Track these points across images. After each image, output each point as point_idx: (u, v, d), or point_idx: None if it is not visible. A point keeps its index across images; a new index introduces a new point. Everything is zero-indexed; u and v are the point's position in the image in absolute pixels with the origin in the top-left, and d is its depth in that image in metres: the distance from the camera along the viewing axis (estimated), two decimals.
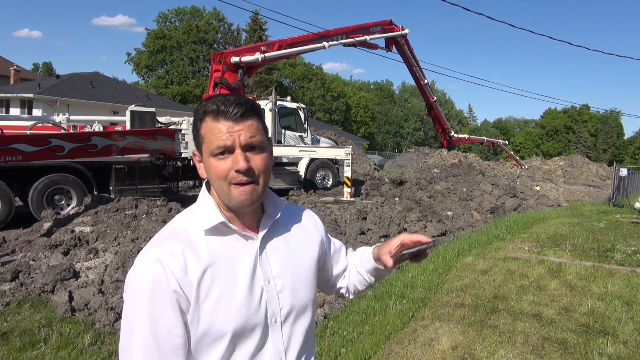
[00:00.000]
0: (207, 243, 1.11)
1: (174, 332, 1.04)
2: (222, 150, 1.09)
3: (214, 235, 1.13)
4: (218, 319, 1.06)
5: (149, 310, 1.03)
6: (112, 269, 5.18)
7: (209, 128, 1.10)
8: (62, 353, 3.75)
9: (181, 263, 1.06)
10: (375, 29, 15.46)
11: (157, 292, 1.03)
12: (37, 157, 7.58)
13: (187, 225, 1.14)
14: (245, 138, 1.09)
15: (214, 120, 1.09)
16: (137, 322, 1.04)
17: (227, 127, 1.08)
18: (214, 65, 11.83)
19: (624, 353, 3.86)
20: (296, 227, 1.30)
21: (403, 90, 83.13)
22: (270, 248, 1.20)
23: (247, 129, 1.09)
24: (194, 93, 48.83)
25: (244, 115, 1.09)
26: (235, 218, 1.18)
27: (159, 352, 1.03)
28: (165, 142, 9.62)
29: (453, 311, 4.81)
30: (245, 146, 1.09)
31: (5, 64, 37.72)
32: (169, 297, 1.03)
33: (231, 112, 1.08)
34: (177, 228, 1.14)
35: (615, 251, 7.37)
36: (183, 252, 1.07)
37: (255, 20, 43.49)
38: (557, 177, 26.88)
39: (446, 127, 21.10)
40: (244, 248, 1.16)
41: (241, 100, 1.11)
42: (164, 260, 1.05)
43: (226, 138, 1.08)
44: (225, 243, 1.14)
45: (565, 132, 77.26)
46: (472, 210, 11.22)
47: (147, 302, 1.03)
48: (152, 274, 1.04)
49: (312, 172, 13.91)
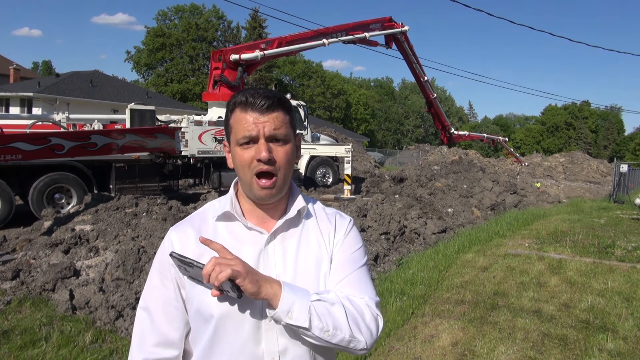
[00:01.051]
0: (216, 229, 1.20)
1: (171, 303, 1.18)
2: (247, 140, 1.13)
3: (224, 222, 1.21)
4: (207, 300, 1.11)
5: (155, 278, 1.21)
6: (113, 267, 5.18)
7: (237, 118, 1.15)
8: (63, 351, 3.76)
9: (184, 244, 1.18)
10: (374, 26, 15.45)
11: (162, 265, 1.20)
12: (37, 155, 7.59)
13: (207, 211, 1.25)
14: (270, 129, 1.13)
15: (242, 111, 1.14)
16: (146, 287, 1.23)
17: (254, 118, 1.13)
18: (214, 63, 11.83)
19: (623, 349, 3.87)
20: (317, 232, 1.24)
21: (403, 87, 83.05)
22: (280, 246, 1.19)
23: (272, 120, 1.13)
24: (194, 91, 48.77)
25: (270, 107, 1.13)
26: (253, 211, 1.21)
27: (154, 317, 1.18)
28: (165, 140, 9.62)
29: (453, 308, 4.82)
30: (269, 137, 1.13)
31: (4, 63, 37.70)
32: (169, 271, 1.18)
33: (258, 103, 1.13)
34: (200, 212, 1.27)
35: (616, 247, 7.37)
36: (189, 235, 1.19)
37: (255, 18, 43.41)
38: (557, 173, 26.87)
39: (446, 124, 21.08)
40: (251, 240, 1.18)
41: (269, 94, 1.15)
42: (172, 239, 1.20)
43: (252, 128, 1.12)
44: (233, 232, 1.20)
45: (565, 129, 77.14)
46: (472, 207, 11.22)
47: (155, 270, 1.22)
48: (162, 248, 1.22)
49: (312, 170, 13.90)
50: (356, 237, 1.28)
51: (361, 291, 1.19)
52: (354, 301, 1.15)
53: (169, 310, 1.18)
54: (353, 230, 1.28)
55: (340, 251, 1.23)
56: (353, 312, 1.12)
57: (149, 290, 1.21)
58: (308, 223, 1.25)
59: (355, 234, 1.28)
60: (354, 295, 1.17)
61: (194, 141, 10.63)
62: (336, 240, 1.25)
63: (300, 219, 1.24)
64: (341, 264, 1.21)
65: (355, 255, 1.24)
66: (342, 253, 1.23)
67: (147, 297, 1.21)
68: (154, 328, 1.18)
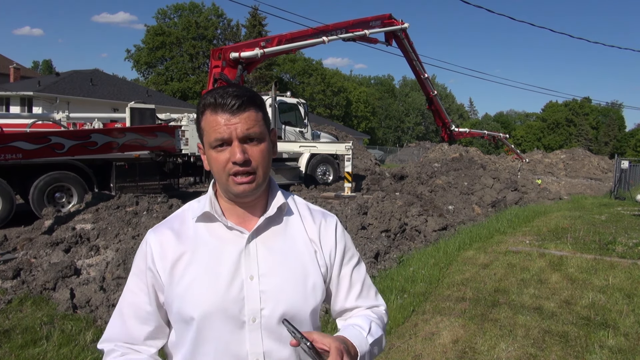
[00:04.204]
0: (196, 230, 1.18)
1: (142, 307, 1.17)
2: (220, 142, 1.10)
3: (204, 223, 1.18)
4: (187, 301, 1.11)
5: (130, 282, 1.20)
6: (113, 266, 5.18)
7: (207, 121, 1.11)
8: (64, 350, 3.76)
9: (163, 246, 1.16)
10: (374, 23, 15.41)
11: (139, 267, 1.19)
12: (37, 154, 7.59)
13: (186, 212, 1.23)
14: (242, 130, 1.09)
15: (212, 113, 1.10)
16: (125, 288, 1.22)
17: (225, 120, 1.09)
18: (214, 61, 11.80)
19: (625, 345, 3.86)
20: (301, 231, 1.22)
21: (404, 84, 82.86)
22: (263, 246, 1.17)
23: (245, 121, 1.10)
24: (194, 89, 48.72)
25: (241, 107, 1.09)
26: (233, 210, 1.19)
27: (126, 319, 1.17)
28: (165, 138, 9.62)
29: (454, 305, 4.81)
30: (242, 138, 1.10)
31: (5, 62, 37.67)
32: (145, 273, 1.17)
33: (228, 104, 1.09)
34: (178, 214, 1.24)
35: (617, 244, 7.36)
36: (168, 238, 1.17)
37: (255, 16, 43.32)
38: (558, 170, 26.83)
39: (447, 121, 21.06)
40: (231, 239, 1.16)
41: (239, 92, 1.10)
42: (150, 241, 1.18)
43: (223, 131, 1.09)
44: (214, 232, 1.17)
45: (566, 125, 77.02)
46: (473, 204, 11.21)
47: (132, 274, 1.20)
48: (140, 251, 1.20)
49: (312, 168, 13.89)
50: (344, 236, 1.30)
51: (374, 299, 1.32)
52: (379, 315, 1.30)
53: (140, 314, 1.17)
54: (341, 231, 1.29)
55: (341, 263, 1.26)
56: (382, 327, 1.26)
57: (125, 292, 1.21)
58: (291, 221, 1.23)
59: (342, 233, 1.30)
60: (373, 305, 1.31)
61: (194, 139, 10.62)
62: (328, 246, 1.24)
63: (282, 216, 1.22)
64: (347, 275, 1.27)
65: (354, 261, 1.29)
66: (345, 266, 1.27)
67: (122, 300, 1.21)
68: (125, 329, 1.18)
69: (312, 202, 7.46)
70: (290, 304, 1.14)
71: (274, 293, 1.13)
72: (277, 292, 1.13)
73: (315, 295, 1.18)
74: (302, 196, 11.54)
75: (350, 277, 1.27)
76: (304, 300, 1.16)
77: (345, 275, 1.26)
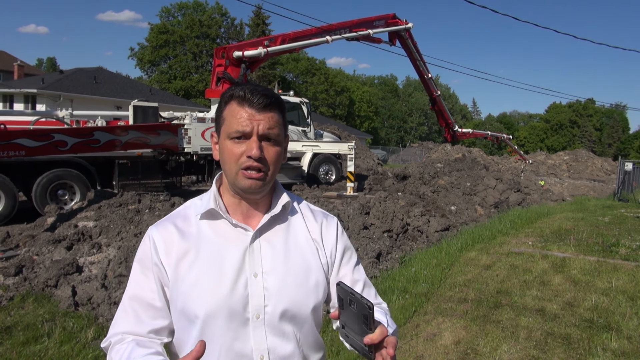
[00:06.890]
0: (199, 227, 1.18)
1: (151, 303, 1.15)
2: (240, 135, 1.12)
3: (208, 220, 1.18)
4: (191, 299, 1.11)
5: (136, 277, 1.18)
6: (115, 264, 5.18)
7: (232, 111, 1.14)
8: (65, 347, 3.77)
9: (167, 243, 1.15)
10: (378, 23, 15.37)
11: (143, 264, 1.17)
12: (40, 152, 7.60)
13: (189, 209, 1.22)
14: (264, 128, 1.12)
15: (239, 105, 1.13)
16: (128, 284, 1.20)
17: (249, 114, 1.12)
18: (217, 59, 11.80)
19: (628, 348, 3.84)
20: (304, 230, 1.25)
21: (407, 84, 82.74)
22: (266, 243, 1.18)
23: (268, 120, 1.13)
24: (197, 88, 48.76)
25: (267, 106, 1.13)
26: (238, 206, 1.20)
27: (132, 315, 1.15)
28: (168, 137, 9.63)
29: (456, 306, 4.80)
30: (262, 136, 1.13)
31: (9, 60, 37.85)
32: (151, 269, 1.15)
33: (256, 101, 1.12)
34: (180, 211, 1.24)
35: (620, 246, 7.33)
36: (171, 234, 1.17)
37: (258, 15, 43.32)
38: (561, 171, 26.73)
39: (450, 121, 21.00)
40: (236, 237, 1.17)
41: (268, 92, 1.14)
42: (154, 237, 1.17)
43: (246, 124, 1.11)
44: (218, 229, 1.18)
45: (570, 127, 76.79)
46: (475, 204, 11.17)
47: (136, 270, 1.18)
48: (143, 247, 1.19)
49: (315, 167, 13.88)
50: (344, 236, 1.32)
51: (374, 299, 1.31)
52: (386, 311, 1.28)
53: (148, 311, 1.15)
54: (341, 232, 1.31)
55: (341, 262, 1.28)
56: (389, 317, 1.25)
57: (131, 289, 1.18)
58: (294, 219, 1.25)
59: (342, 233, 1.32)
60: (375, 303, 1.27)
61: (196, 138, 10.63)
62: (329, 245, 1.26)
63: (286, 215, 1.24)
64: (348, 274, 1.27)
65: (354, 261, 1.31)
66: (345, 266, 1.28)
67: (127, 298, 1.18)
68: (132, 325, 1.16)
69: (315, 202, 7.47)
70: (293, 300, 1.16)
71: (277, 290, 1.15)
72: (280, 288, 1.15)
73: (318, 292, 1.20)
74: (305, 195, 11.52)
75: (352, 276, 1.28)
76: (307, 297, 1.18)
77: (346, 274, 1.27)
